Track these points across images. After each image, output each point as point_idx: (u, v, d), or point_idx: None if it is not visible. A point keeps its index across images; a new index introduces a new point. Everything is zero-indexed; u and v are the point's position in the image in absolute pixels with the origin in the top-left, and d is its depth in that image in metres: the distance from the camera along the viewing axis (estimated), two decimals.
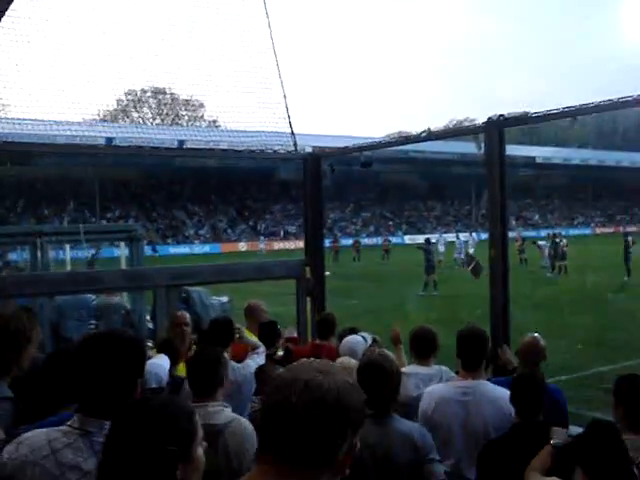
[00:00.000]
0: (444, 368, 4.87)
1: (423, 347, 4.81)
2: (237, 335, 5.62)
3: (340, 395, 1.50)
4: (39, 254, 11.31)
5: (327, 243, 31.22)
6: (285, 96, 7.17)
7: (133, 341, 2.51)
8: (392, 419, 3.57)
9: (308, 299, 7.26)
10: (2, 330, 3.25)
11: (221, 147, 7.45)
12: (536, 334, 4.75)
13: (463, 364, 4.17)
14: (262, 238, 57.11)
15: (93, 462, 2.25)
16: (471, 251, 32.25)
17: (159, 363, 4.90)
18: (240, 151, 7.09)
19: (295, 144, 7.10)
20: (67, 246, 14.77)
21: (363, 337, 5.64)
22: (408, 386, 4.48)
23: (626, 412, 3.41)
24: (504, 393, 4.04)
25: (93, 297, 10.38)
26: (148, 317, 10.62)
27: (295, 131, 7.33)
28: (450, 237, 42.24)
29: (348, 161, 9.84)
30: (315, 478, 1.50)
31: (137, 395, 2.43)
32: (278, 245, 60.60)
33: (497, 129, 5.35)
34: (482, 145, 5.47)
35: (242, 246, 56.98)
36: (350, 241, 48.88)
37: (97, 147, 7.60)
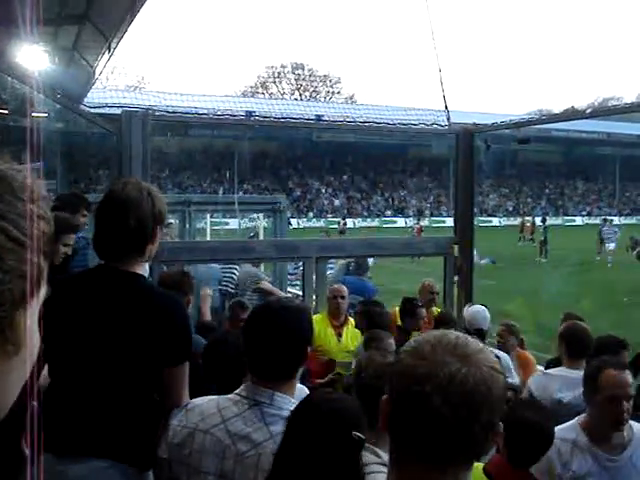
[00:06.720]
0: None
1: (577, 347, 4.46)
2: None
3: (489, 388, 1.26)
4: (187, 222, 11.85)
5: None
6: (440, 69, 7.01)
7: (303, 310, 2.49)
8: None
9: (455, 278, 7.11)
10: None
11: (359, 121, 7.41)
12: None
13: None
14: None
15: (263, 433, 2.22)
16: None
17: None
18: (393, 125, 7.00)
19: (448, 119, 6.91)
20: (208, 215, 15.39)
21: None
22: (549, 388, 4.34)
23: None
24: None
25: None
26: (289, 288, 10.84)
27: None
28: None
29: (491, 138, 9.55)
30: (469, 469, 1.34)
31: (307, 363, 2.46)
32: (412, 222, 60.14)
33: None
34: None
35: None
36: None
37: (272, 120, 7.61)
